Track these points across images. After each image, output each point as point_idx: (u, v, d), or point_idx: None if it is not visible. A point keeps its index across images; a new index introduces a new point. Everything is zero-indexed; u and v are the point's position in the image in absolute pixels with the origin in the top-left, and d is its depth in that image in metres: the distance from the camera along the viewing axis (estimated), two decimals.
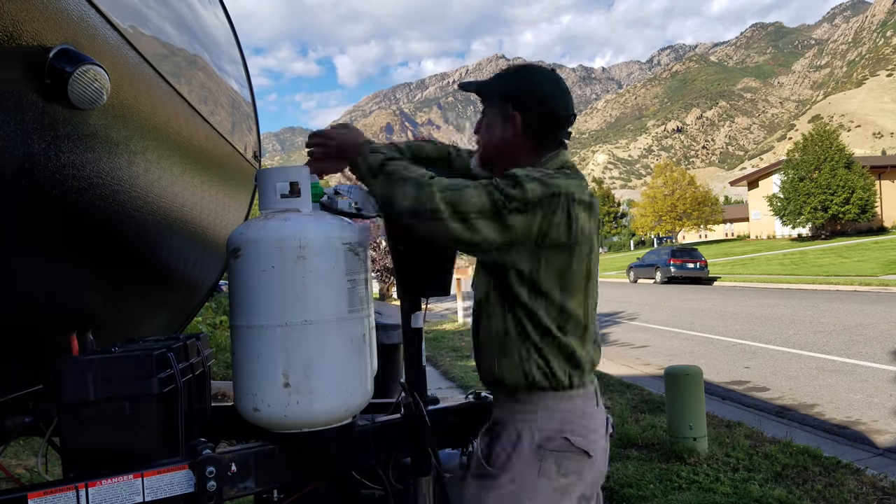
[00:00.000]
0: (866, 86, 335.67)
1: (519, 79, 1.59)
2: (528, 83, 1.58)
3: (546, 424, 1.46)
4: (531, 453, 1.44)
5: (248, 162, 2.96)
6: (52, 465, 2.02)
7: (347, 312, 1.43)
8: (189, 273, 2.45)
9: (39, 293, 1.50)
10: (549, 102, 1.56)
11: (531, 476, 1.44)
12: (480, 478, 1.49)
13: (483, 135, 1.63)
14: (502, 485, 1.44)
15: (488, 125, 1.61)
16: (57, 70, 1.21)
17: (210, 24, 2.55)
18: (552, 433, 1.45)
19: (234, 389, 1.44)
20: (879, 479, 3.74)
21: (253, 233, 1.41)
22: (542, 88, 1.57)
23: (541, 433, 1.45)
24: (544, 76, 1.60)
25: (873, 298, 14.33)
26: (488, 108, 1.61)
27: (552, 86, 1.58)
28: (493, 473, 1.46)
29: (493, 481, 1.46)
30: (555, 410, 1.46)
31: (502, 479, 1.45)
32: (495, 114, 1.58)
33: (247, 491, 1.42)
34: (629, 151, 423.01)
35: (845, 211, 36.68)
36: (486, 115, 1.61)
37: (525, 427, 1.46)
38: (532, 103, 1.55)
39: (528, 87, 1.57)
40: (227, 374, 6.57)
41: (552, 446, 1.45)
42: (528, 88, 1.57)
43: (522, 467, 1.44)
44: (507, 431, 1.48)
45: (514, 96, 1.56)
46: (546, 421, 1.46)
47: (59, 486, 1.23)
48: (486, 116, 1.61)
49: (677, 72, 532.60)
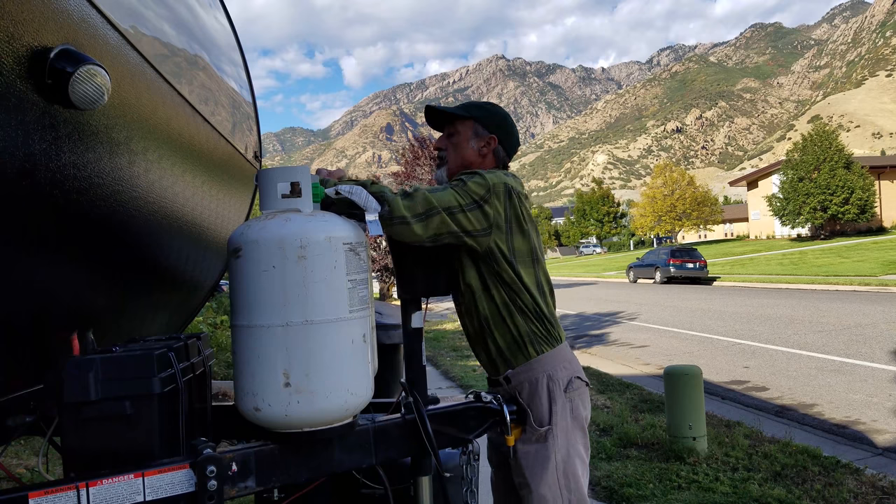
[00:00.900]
0: (866, 86, 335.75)
1: (491, 111, 1.99)
2: (499, 116, 1.99)
3: (563, 374, 1.82)
4: (563, 401, 1.79)
5: (249, 162, 2.97)
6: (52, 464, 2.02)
7: (348, 312, 1.44)
8: (190, 273, 2.45)
9: (40, 293, 1.50)
10: (514, 133, 2.02)
11: (567, 419, 1.79)
12: (533, 440, 1.78)
13: (452, 151, 1.96)
14: (556, 434, 1.77)
15: (458, 144, 1.95)
16: (58, 70, 1.21)
17: (211, 24, 2.55)
18: (569, 378, 1.82)
19: (235, 389, 1.45)
20: (879, 479, 3.75)
21: (254, 233, 1.41)
22: (508, 121, 2.01)
23: (562, 381, 1.81)
24: (506, 114, 2.03)
25: (872, 298, 14.34)
26: (461, 129, 1.95)
27: (512, 122, 2.03)
28: (543, 431, 1.77)
29: (546, 432, 1.77)
30: (562, 360, 1.84)
31: (554, 430, 1.77)
32: (469, 134, 1.95)
33: (247, 490, 1.42)
34: (629, 152, 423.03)
35: (844, 211, 36.67)
36: (456, 134, 1.96)
37: (551, 381, 1.79)
38: (504, 131, 1.97)
39: (500, 118, 1.98)
40: (228, 373, 6.58)
41: (573, 387, 1.82)
42: (500, 120, 1.98)
43: (562, 414, 1.78)
44: (538, 392, 1.79)
45: (490, 123, 1.95)
46: (561, 371, 1.82)
47: (60, 486, 1.23)
48: (456, 136, 1.96)
49: (677, 72, 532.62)
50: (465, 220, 1.70)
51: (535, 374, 1.80)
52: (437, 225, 1.66)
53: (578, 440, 1.82)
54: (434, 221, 1.65)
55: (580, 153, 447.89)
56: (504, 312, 1.80)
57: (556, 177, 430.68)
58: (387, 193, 1.62)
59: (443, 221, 1.66)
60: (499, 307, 1.80)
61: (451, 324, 13.92)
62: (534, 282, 1.83)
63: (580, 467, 1.80)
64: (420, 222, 1.64)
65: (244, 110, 2.95)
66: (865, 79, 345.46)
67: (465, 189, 1.72)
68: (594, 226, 70.15)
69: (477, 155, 1.94)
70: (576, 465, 1.79)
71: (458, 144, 1.95)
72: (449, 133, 1.99)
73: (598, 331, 12.08)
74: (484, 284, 1.80)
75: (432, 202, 1.65)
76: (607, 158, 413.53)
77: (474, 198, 1.72)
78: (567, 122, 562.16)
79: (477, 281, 1.80)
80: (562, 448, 1.77)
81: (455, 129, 1.96)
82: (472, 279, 1.81)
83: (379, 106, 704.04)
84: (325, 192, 1.56)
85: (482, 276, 1.80)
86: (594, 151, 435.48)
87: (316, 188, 1.52)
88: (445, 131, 2.00)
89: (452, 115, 1.98)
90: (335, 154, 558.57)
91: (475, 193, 1.72)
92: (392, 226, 1.62)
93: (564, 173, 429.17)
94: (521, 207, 1.82)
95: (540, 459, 1.76)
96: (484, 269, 1.79)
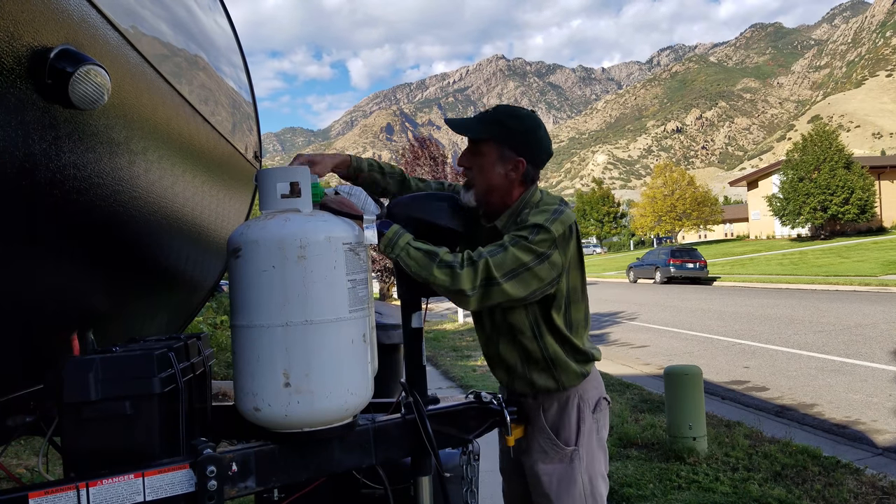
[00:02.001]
0: (866, 86, 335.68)
1: (516, 130, 1.75)
2: (526, 133, 1.76)
3: (593, 394, 1.82)
4: (591, 422, 1.79)
5: (249, 162, 2.97)
6: (53, 464, 2.02)
7: (348, 312, 1.44)
8: (190, 273, 2.45)
9: (40, 293, 1.50)
10: (546, 149, 1.82)
11: (593, 440, 1.79)
12: (557, 460, 1.76)
13: (478, 173, 1.78)
14: (581, 456, 1.76)
15: (483, 167, 1.77)
16: (58, 70, 1.21)
17: (210, 25, 2.55)
18: (598, 399, 1.83)
19: (235, 389, 1.45)
20: (879, 479, 3.75)
21: (254, 233, 1.41)
22: (536, 136, 1.77)
23: (591, 402, 1.81)
24: (536, 122, 1.79)
25: (873, 298, 14.34)
26: (486, 151, 1.76)
27: (543, 131, 1.79)
28: (568, 450, 1.76)
29: (572, 452, 1.76)
30: (593, 380, 1.84)
31: (580, 451, 1.76)
32: (495, 158, 1.75)
33: (247, 490, 1.42)
34: (629, 152, 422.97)
35: (845, 211, 36.67)
36: (480, 156, 1.77)
37: (581, 402, 1.79)
38: (535, 151, 1.78)
39: (527, 135, 1.76)
40: (228, 373, 6.57)
41: (599, 408, 1.83)
42: (527, 137, 1.76)
43: (588, 435, 1.78)
44: (567, 412, 1.78)
45: (517, 143, 1.75)
46: (592, 391, 1.82)
47: (60, 486, 1.23)
48: (481, 157, 1.77)
49: (677, 72, 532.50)
50: (533, 279, 1.63)
51: (565, 394, 1.79)
52: (496, 297, 1.60)
53: (601, 459, 1.82)
54: (493, 294, 1.59)
55: (580, 153, 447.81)
56: (547, 353, 1.76)
57: (556, 177, 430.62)
58: (454, 263, 1.57)
59: (503, 292, 1.59)
60: (543, 347, 1.76)
61: (451, 324, 13.91)
62: (582, 317, 1.80)
63: (603, 487, 1.80)
64: (476, 294, 1.58)
65: (244, 110, 2.95)
66: (865, 79, 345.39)
67: (529, 246, 1.61)
68: (594, 226, 70.12)
69: (504, 179, 1.77)
70: (600, 485, 1.79)
71: (483, 167, 1.78)
72: (472, 152, 1.81)
73: (598, 331, 12.07)
74: (533, 327, 1.75)
75: (492, 273, 1.57)
76: (607, 158, 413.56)
77: (539, 251, 1.62)
78: (567, 122, 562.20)
79: (525, 323, 1.75)
80: (587, 469, 1.76)
81: (479, 150, 1.79)
82: (520, 321, 1.75)
83: (379, 106, 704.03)
84: (324, 191, 1.56)
85: (533, 320, 1.74)
86: (594, 151, 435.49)
87: (316, 188, 1.52)
88: (469, 147, 1.83)
89: (478, 137, 1.80)
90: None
91: (540, 248, 1.62)
92: (451, 294, 1.59)
93: (564, 173, 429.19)
94: (579, 241, 1.76)
95: (566, 481, 1.74)
96: (537, 311, 1.74)
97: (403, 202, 1.85)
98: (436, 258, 1.58)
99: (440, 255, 1.58)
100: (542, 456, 1.78)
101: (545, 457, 1.77)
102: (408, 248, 1.59)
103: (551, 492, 1.75)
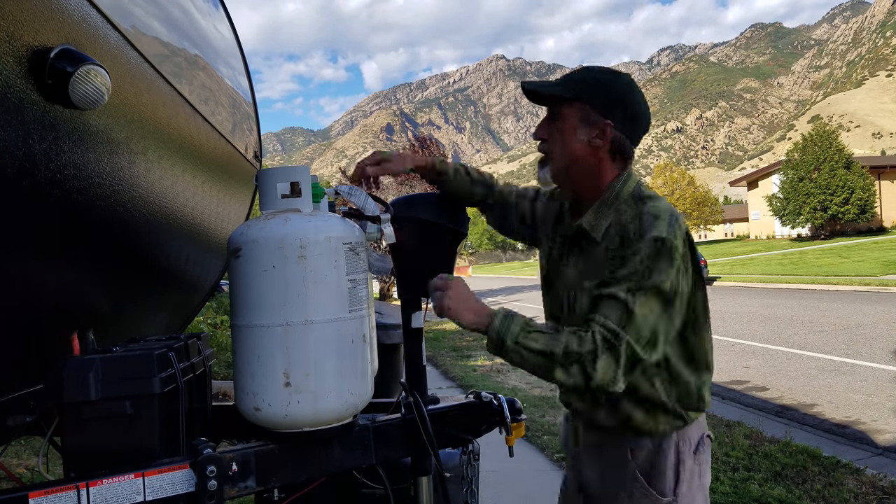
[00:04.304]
0: (866, 86, 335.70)
1: (605, 84, 1.44)
2: (618, 89, 1.44)
3: (695, 433, 1.52)
4: (693, 465, 1.49)
5: (249, 162, 2.97)
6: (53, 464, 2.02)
7: (348, 312, 1.44)
8: (190, 273, 2.45)
9: (40, 293, 1.50)
10: (643, 115, 1.47)
11: (694, 487, 1.48)
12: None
13: (557, 142, 1.47)
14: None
15: (564, 132, 1.45)
16: (58, 70, 1.21)
17: (211, 25, 2.55)
18: (700, 438, 1.52)
19: (235, 389, 1.45)
20: (879, 479, 3.75)
21: (254, 232, 1.41)
22: (630, 97, 1.45)
23: (693, 442, 1.50)
24: (632, 84, 1.47)
25: (873, 298, 14.33)
26: (567, 113, 1.45)
27: (640, 96, 1.47)
28: (665, 501, 1.45)
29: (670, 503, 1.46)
30: (696, 418, 1.52)
31: (679, 501, 1.45)
32: (576, 121, 1.43)
33: (247, 490, 1.42)
34: None
35: (845, 211, 36.68)
36: (561, 119, 1.45)
37: (681, 444, 1.49)
38: (628, 115, 1.44)
39: (619, 93, 1.44)
40: (228, 373, 6.57)
41: (702, 448, 1.52)
42: (619, 95, 1.44)
43: (689, 482, 1.47)
44: (665, 455, 1.47)
45: (603, 102, 1.42)
46: (694, 430, 1.52)
47: (60, 486, 1.23)
48: (561, 121, 1.45)
49: (677, 72, 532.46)
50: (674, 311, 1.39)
51: (668, 438, 1.49)
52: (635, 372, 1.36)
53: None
54: (638, 366, 1.34)
55: None
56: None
57: None
58: (586, 362, 1.29)
59: (636, 357, 1.32)
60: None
61: (451, 324, 13.90)
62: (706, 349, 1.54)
63: None
64: (622, 382, 1.32)
65: (244, 110, 2.95)
66: (865, 79, 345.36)
67: (658, 286, 1.34)
68: None
69: (587, 148, 1.44)
70: None
71: (563, 133, 1.45)
72: (549, 117, 1.50)
73: None
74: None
75: (637, 353, 1.32)
76: None
77: (666, 285, 1.35)
78: None
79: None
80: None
81: (557, 112, 1.47)
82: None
83: (379, 106, 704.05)
84: (324, 191, 1.56)
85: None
86: None
87: (316, 188, 1.52)
88: (548, 113, 1.51)
89: (552, 96, 1.47)
90: (335, 154, 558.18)
91: (666, 277, 1.35)
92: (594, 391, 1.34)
93: None
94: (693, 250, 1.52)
95: None
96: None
97: (402, 201, 1.84)
98: (555, 357, 1.31)
99: (559, 350, 1.30)
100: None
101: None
102: (520, 351, 1.34)
103: None
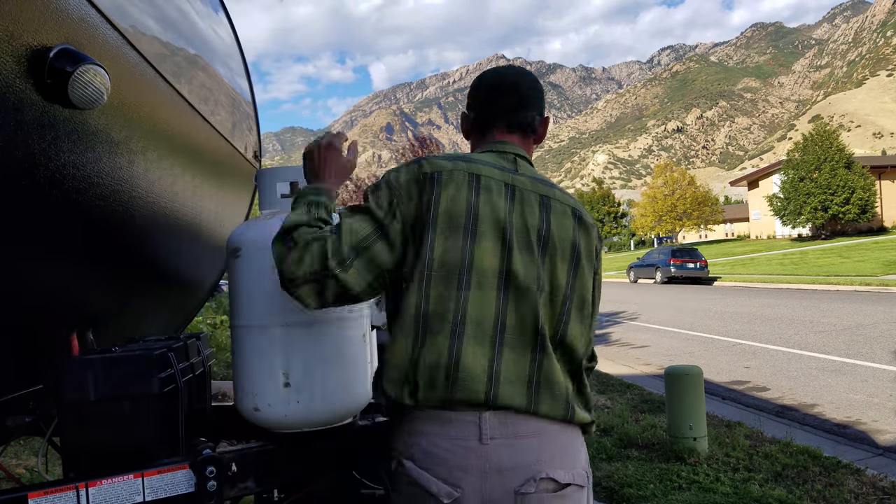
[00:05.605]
0: (866, 86, 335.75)
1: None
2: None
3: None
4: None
5: (249, 162, 2.96)
6: (52, 464, 2.02)
7: (348, 312, 1.43)
8: (189, 273, 2.45)
9: (40, 293, 1.50)
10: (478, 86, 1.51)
11: None
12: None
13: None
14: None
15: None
16: (57, 70, 1.21)
17: (210, 25, 2.55)
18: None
19: (235, 389, 1.44)
20: (879, 479, 3.74)
21: (253, 233, 1.41)
22: (480, 87, 1.49)
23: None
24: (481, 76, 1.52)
25: (873, 298, 14.33)
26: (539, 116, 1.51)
27: (486, 75, 1.51)
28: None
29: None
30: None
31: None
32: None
33: (247, 491, 1.42)
34: (629, 151, 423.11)
35: (845, 211, 36.66)
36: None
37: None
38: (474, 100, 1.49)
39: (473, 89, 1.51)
40: (228, 373, 6.57)
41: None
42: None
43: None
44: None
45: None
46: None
47: (60, 486, 1.23)
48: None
49: (677, 72, 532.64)
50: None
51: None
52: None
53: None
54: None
55: (580, 153, 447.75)
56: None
57: (556, 177, 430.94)
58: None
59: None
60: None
61: None
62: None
63: None
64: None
65: (244, 109, 2.95)
66: (866, 78, 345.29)
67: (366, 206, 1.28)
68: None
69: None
70: None
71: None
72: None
73: (598, 331, 12.07)
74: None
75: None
76: (608, 158, 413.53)
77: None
78: (567, 121, 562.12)
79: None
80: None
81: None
82: None
83: (379, 105, 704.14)
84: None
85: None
86: (594, 151, 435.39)
87: None
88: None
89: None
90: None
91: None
92: None
93: (565, 173, 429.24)
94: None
95: None
96: None
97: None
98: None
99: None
100: None
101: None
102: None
103: None
